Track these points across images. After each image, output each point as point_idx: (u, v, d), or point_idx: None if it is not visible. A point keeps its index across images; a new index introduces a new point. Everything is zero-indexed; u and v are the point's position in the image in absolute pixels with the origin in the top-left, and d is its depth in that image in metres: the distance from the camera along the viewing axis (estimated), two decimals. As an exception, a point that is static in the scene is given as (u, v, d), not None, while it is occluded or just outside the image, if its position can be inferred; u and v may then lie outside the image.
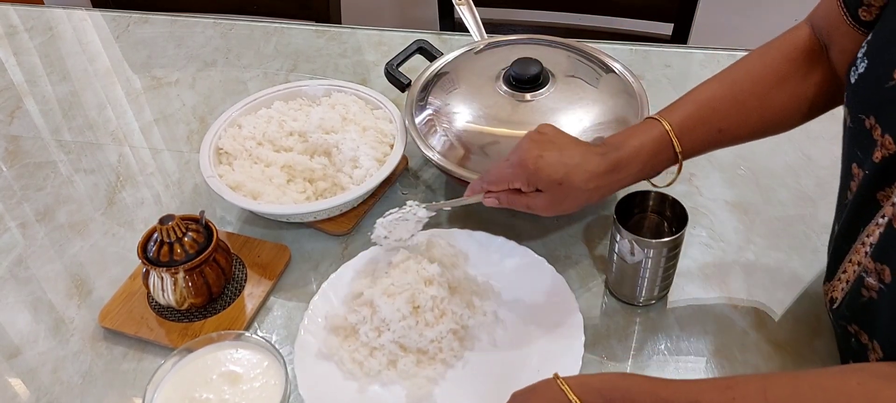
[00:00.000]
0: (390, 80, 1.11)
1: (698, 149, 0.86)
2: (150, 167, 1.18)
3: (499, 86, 1.02)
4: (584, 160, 0.82)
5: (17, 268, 1.03)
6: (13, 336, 0.94)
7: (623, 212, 0.87)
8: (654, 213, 0.90)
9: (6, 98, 1.34)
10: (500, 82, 1.02)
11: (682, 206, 0.86)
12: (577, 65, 1.07)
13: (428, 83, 1.08)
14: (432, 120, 1.03)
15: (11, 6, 1.56)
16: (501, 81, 1.02)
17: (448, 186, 1.09)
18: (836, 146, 0.78)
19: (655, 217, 0.90)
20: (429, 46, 1.15)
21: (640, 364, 0.87)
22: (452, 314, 0.87)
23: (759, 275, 0.95)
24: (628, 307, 0.92)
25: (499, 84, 1.02)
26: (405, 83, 1.10)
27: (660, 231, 0.90)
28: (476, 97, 1.03)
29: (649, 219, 0.91)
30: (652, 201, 0.89)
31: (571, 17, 1.69)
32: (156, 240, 0.89)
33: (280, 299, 0.96)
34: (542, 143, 0.82)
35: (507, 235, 1.00)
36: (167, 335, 0.91)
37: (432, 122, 1.02)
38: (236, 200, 0.99)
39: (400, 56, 1.13)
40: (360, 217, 1.04)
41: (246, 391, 0.78)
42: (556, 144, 0.83)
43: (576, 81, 1.03)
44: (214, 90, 1.32)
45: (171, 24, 1.49)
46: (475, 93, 1.03)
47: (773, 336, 0.88)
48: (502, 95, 1.01)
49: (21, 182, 1.16)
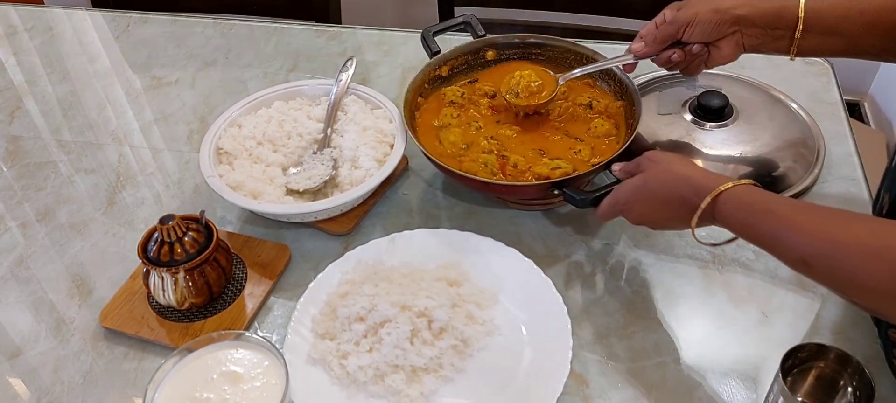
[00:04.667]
0: (423, 45, 1.12)
1: (818, 38, 0.89)
2: (150, 167, 1.18)
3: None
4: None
5: (17, 268, 1.03)
6: (14, 337, 0.94)
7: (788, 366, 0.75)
8: (825, 372, 0.76)
9: (6, 98, 1.34)
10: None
11: (868, 377, 0.72)
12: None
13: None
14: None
15: (11, 6, 1.56)
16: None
17: (447, 185, 1.09)
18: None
19: (826, 377, 0.76)
20: (475, 24, 1.14)
21: (640, 363, 0.87)
22: (453, 329, 0.87)
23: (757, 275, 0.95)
24: (629, 307, 0.92)
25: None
26: (435, 50, 1.11)
27: (829, 393, 0.77)
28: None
29: (818, 377, 0.77)
30: (827, 360, 0.76)
31: (571, 17, 1.69)
32: (156, 240, 0.89)
33: (280, 299, 0.96)
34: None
35: (508, 235, 1.00)
36: (168, 335, 0.91)
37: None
38: (236, 200, 0.99)
39: (442, 24, 1.14)
40: (360, 217, 1.04)
41: (246, 390, 0.78)
42: None
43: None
44: (214, 90, 1.32)
45: (171, 23, 1.49)
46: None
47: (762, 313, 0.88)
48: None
49: (21, 182, 1.16)
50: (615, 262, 0.98)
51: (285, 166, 1.07)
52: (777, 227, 0.73)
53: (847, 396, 0.76)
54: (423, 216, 1.06)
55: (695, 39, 0.95)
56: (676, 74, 1.09)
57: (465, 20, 1.15)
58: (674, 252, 0.98)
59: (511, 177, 0.98)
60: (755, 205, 0.75)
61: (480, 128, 1.05)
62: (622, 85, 1.06)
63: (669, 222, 0.85)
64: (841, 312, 0.90)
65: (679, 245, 0.99)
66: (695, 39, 0.95)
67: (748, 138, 1.05)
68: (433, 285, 0.90)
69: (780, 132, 1.08)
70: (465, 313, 0.89)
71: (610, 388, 0.85)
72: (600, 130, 1.03)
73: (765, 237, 0.75)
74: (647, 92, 1.14)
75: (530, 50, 1.14)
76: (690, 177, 0.82)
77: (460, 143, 1.03)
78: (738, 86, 1.14)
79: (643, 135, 1.06)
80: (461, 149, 1.02)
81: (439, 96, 1.10)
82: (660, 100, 1.12)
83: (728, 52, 0.95)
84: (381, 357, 0.84)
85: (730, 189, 0.77)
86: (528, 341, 0.88)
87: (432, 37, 1.12)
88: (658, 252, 0.98)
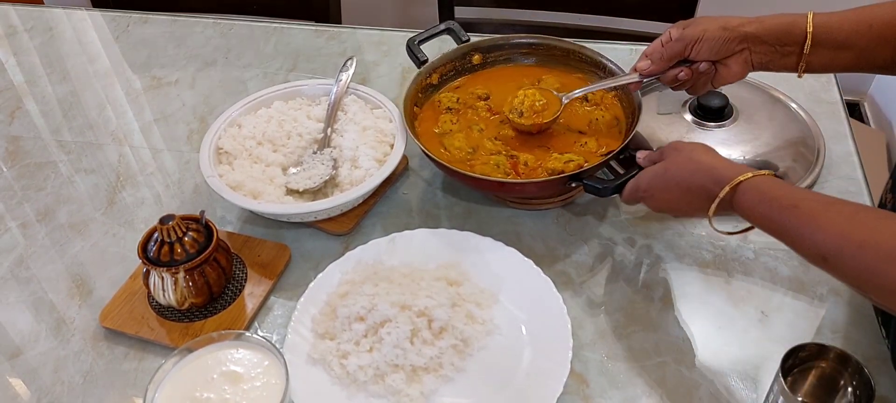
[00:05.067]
0: (409, 54, 1.11)
1: (828, 54, 0.87)
2: (150, 167, 1.18)
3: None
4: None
5: (17, 269, 1.03)
6: (14, 337, 0.94)
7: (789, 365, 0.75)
8: (826, 372, 0.77)
9: (6, 98, 1.34)
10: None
11: (868, 376, 0.73)
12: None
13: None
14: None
15: (11, 6, 1.56)
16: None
17: (447, 185, 1.09)
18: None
19: (827, 377, 0.77)
20: (457, 30, 1.14)
21: (640, 363, 0.87)
22: (453, 329, 0.87)
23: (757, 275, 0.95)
24: (629, 307, 0.92)
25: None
26: (422, 60, 1.10)
27: (829, 392, 0.77)
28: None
29: (818, 377, 0.78)
30: (827, 360, 0.76)
31: (571, 17, 1.69)
32: (156, 240, 0.89)
33: (280, 299, 0.96)
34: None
35: (507, 235, 1.00)
36: (168, 334, 0.91)
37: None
38: (236, 200, 0.99)
39: (426, 33, 1.13)
40: (360, 217, 1.04)
41: (247, 390, 0.78)
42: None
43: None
44: (214, 90, 1.32)
45: (171, 23, 1.49)
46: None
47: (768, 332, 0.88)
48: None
49: (21, 182, 1.16)
50: (615, 262, 0.98)
51: (285, 166, 1.07)
52: (798, 223, 0.73)
53: (847, 396, 0.76)
54: (423, 216, 1.06)
55: (702, 57, 0.93)
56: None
57: (447, 26, 1.14)
58: (674, 252, 0.98)
59: (524, 175, 0.98)
60: (778, 199, 0.75)
61: (483, 131, 1.05)
62: (614, 75, 1.06)
63: (689, 209, 0.86)
64: (841, 312, 0.90)
65: (679, 245, 0.99)
66: (702, 57, 0.93)
67: (748, 138, 1.05)
68: (433, 285, 0.90)
69: (779, 132, 1.08)
70: (464, 313, 0.89)
71: (610, 388, 0.85)
72: (602, 122, 1.04)
73: (785, 230, 0.75)
74: (647, 92, 1.14)
75: (515, 50, 1.15)
76: (712, 166, 0.82)
77: (466, 148, 1.03)
78: (738, 86, 1.13)
79: (643, 136, 1.06)
80: (468, 154, 1.02)
81: (434, 104, 1.10)
82: (660, 100, 1.13)
83: (736, 70, 0.93)
84: (381, 357, 0.84)
85: (749, 179, 0.77)
86: (528, 341, 0.88)
87: (418, 46, 1.12)
88: (658, 252, 0.98)
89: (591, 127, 1.04)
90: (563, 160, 0.98)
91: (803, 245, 0.73)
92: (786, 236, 0.75)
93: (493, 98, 1.10)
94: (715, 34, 0.90)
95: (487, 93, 1.10)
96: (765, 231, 0.77)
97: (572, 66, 1.12)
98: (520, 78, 1.12)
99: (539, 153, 1.01)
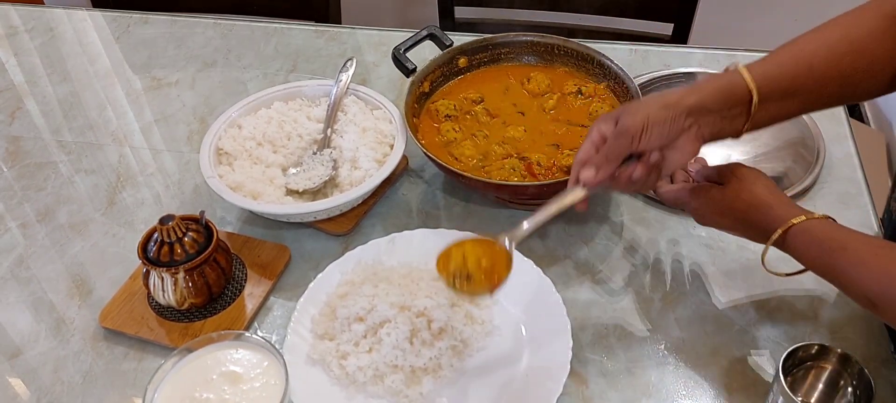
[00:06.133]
0: (396, 64, 1.11)
1: (774, 106, 0.80)
2: (150, 167, 1.18)
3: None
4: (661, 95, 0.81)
5: (17, 269, 1.03)
6: (14, 337, 0.94)
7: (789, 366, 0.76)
8: (826, 372, 0.78)
9: (7, 98, 1.34)
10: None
11: (868, 377, 0.73)
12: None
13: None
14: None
15: (11, 6, 1.56)
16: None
17: (447, 185, 1.09)
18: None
19: (827, 377, 0.78)
20: (440, 34, 1.14)
21: (639, 363, 0.87)
22: (452, 330, 0.87)
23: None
24: (629, 307, 0.92)
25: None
26: (411, 68, 1.10)
27: (829, 392, 0.78)
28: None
29: (818, 377, 0.79)
30: (827, 360, 0.77)
31: (572, 17, 1.69)
32: (156, 240, 0.89)
33: (280, 299, 0.96)
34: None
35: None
36: (167, 335, 0.91)
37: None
38: (236, 200, 0.99)
39: (409, 41, 1.12)
40: (360, 217, 1.04)
41: (246, 390, 0.78)
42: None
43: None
44: (214, 90, 1.32)
45: (171, 24, 1.49)
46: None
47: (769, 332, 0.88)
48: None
49: (22, 182, 1.16)
50: (615, 262, 0.98)
51: (285, 167, 1.07)
52: (847, 264, 0.73)
53: (847, 396, 0.76)
54: (423, 216, 1.06)
55: (653, 145, 0.78)
56: (677, 74, 1.09)
57: (429, 32, 1.14)
58: (674, 252, 0.98)
59: (541, 175, 0.98)
60: (828, 241, 0.75)
61: (488, 137, 1.05)
62: (603, 66, 1.07)
63: (741, 236, 0.86)
64: (841, 312, 0.90)
65: (679, 245, 0.99)
66: (653, 145, 0.78)
67: (748, 138, 1.04)
68: (432, 285, 0.90)
69: (779, 132, 1.07)
70: (464, 313, 0.89)
71: (610, 388, 0.85)
72: (603, 113, 1.04)
73: (834, 273, 0.74)
74: (647, 92, 1.14)
75: (499, 50, 1.15)
76: (769, 204, 0.81)
77: (476, 155, 1.03)
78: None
79: None
80: (480, 161, 1.02)
81: (431, 112, 1.10)
82: None
83: (688, 150, 0.80)
84: (380, 358, 0.84)
85: (802, 222, 0.77)
86: (527, 341, 0.88)
87: (404, 54, 1.11)
88: (658, 252, 0.98)
89: (592, 119, 1.04)
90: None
91: (851, 287, 0.73)
92: (836, 279, 0.74)
93: (487, 101, 1.10)
94: (659, 116, 0.77)
95: (480, 96, 1.11)
96: (816, 273, 0.77)
97: (558, 61, 1.13)
98: (507, 77, 1.13)
99: (549, 151, 1.01)
